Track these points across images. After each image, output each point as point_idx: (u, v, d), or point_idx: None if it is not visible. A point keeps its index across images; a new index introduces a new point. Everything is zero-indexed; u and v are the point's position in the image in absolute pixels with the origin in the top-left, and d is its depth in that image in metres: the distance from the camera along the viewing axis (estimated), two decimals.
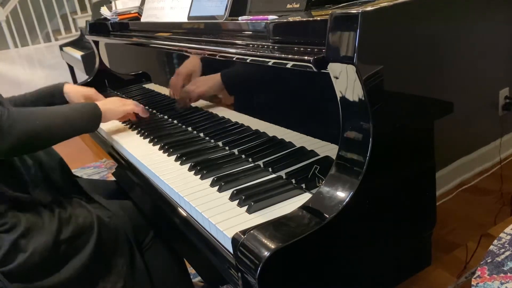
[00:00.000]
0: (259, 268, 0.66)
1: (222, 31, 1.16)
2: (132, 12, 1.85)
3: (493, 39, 0.91)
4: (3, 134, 1.05)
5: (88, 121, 1.26)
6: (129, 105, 1.40)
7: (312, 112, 0.96)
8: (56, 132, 1.16)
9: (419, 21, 0.77)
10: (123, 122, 1.55)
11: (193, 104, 1.40)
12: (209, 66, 1.27)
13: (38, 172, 1.20)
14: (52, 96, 1.50)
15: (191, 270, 1.55)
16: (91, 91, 1.54)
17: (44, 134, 1.13)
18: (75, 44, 4.32)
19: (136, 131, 1.44)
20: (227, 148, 1.17)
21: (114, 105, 1.36)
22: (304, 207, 0.75)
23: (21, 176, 1.16)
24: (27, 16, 5.05)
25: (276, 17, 0.94)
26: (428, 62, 0.80)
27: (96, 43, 2.03)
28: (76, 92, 1.51)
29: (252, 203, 0.85)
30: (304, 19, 0.86)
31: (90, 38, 2.04)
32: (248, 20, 1.04)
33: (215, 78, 1.24)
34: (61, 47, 4.48)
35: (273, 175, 0.98)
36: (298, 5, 0.97)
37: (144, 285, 1.25)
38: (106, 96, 1.92)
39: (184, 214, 0.96)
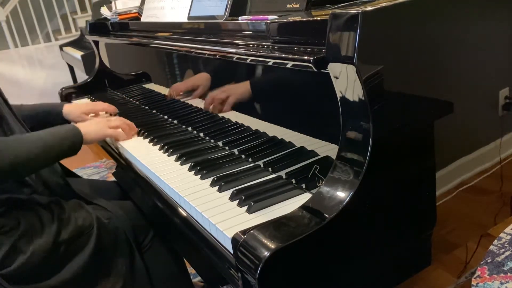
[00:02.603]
0: (259, 268, 0.66)
1: (222, 31, 1.16)
2: (132, 12, 1.85)
3: (493, 39, 0.91)
4: None
5: (68, 148, 1.18)
6: (112, 127, 1.35)
7: (312, 112, 0.96)
8: (34, 163, 1.11)
9: (419, 21, 0.77)
10: None
11: (194, 104, 1.40)
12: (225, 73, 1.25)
13: (36, 176, 1.19)
14: (48, 114, 1.48)
15: (191, 270, 1.55)
16: (88, 107, 1.55)
17: (20, 167, 1.08)
18: (75, 44, 4.33)
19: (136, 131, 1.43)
20: (227, 148, 1.17)
21: (97, 127, 1.31)
22: (304, 207, 0.75)
23: (20, 180, 1.15)
24: (27, 16, 5.05)
25: (276, 17, 0.94)
26: (428, 62, 0.80)
27: (96, 43, 2.03)
28: (75, 112, 1.51)
29: (252, 203, 0.85)
30: (304, 19, 0.86)
31: (90, 38, 2.04)
32: (248, 20, 1.04)
33: (245, 86, 1.21)
34: (61, 47, 4.48)
35: (273, 175, 0.98)
36: (298, 5, 0.97)
37: (144, 285, 1.25)
38: (105, 96, 1.92)
39: (184, 214, 0.96)
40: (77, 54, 3.84)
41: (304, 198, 0.84)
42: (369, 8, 0.69)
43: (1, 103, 1.20)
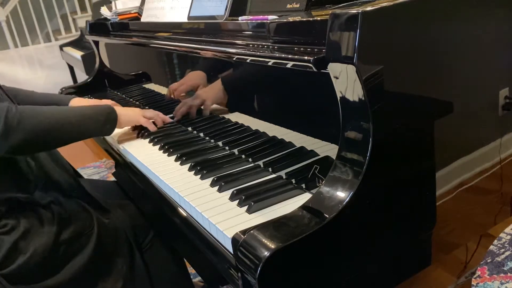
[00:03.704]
0: (259, 268, 0.66)
1: (222, 31, 1.16)
2: (132, 12, 1.85)
3: (493, 39, 0.91)
4: (10, 131, 1.01)
5: (102, 124, 1.21)
6: (146, 117, 1.35)
7: (312, 112, 0.96)
8: (67, 132, 1.13)
9: (419, 21, 0.77)
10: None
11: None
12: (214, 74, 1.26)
13: (40, 172, 1.19)
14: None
15: (191, 270, 1.55)
16: (95, 103, 1.54)
17: (53, 134, 1.10)
18: (75, 44, 4.33)
19: (136, 131, 1.43)
20: (227, 148, 1.17)
21: (133, 113, 1.33)
22: (304, 207, 0.75)
23: (22, 177, 1.15)
24: (27, 16, 5.05)
25: (276, 17, 0.94)
26: (428, 62, 0.80)
27: (96, 43, 2.03)
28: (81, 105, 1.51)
29: (252, 203, 0.85)
30: (304, 19, 0.86)
31: (90, 38, 2.04)
32: (248, 20, 1.04)
33: (217, 86, 1.23)
34: (61, 47, 4.48)
35: (273, 175, 0.98)
36: (298, 5, 0.97)
37: (144, 285, 1.25)
38: (106, 96, 1.92)
39: (184, 214, 0.96)
40: (77, 54, 3.84)
41: (304, 198, 0.84)
42: (369, 8, 0.69)
43: (1, 93, 1.21)
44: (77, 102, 1.50)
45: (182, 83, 1.44)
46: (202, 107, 1.34)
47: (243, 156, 1.09)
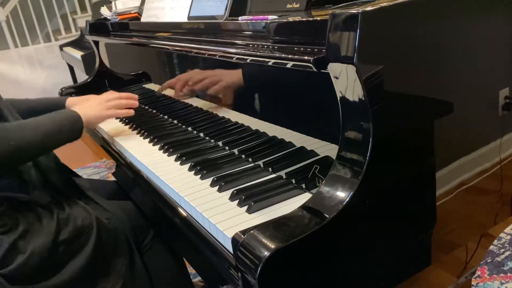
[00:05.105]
0: (259, 268, 0.66)
1: (222, 31, 1.16)
2: (132, 12, 1.85)
3: (493, 39, 0.91)
4: None
5: (69, 133, 1.19)
6: (112, 107, 1.35)
7: (312, 112, 0.96)
8: (34, 149, 1.12)
9: (419, 21, 0.77)
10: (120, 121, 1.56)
11: (194, 104, 1.40)
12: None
13: (36, 173, 1.19)
14: (53, 107, 1.48)
15: (191, 270, 1.55)
16: (90, 97, 1.55)
17: (20, 153, 1.09)
18: (75, 44, 4.33)
19: (136, 131, 1.44)
20: (227, 148, 1.17)
21: (96, 110, 1.32)
22: (304, 207, 0.75)
23: (20, 177, 1.15)
24: (27, 16, 5.05)
25: (276, 17, 0.94)
26: (428, 62, 0.80)
27: (96, 43, 2.03)
28: (78, 102, 1.51)
29: (252, 203, 0.85)
30: (304, 19, 0.86)
31: (90, 38, 2.04)
32: (248, 20, 1.04)
33: (237, 74, 1.19)
34: (61, 47, 4.49)
35: (273, 175, 0.98)
36: (298, 5, 0.97)
37: (144, 286, 1.25)
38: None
39: (184, 214, 0.96)
40: (77, 54, 3.84)
41: (304, 198, 0.84)
42: (369, 8, 0.69)
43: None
44: (72, 101, 1.51)
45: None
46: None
47: (243, 156, 1.09)
